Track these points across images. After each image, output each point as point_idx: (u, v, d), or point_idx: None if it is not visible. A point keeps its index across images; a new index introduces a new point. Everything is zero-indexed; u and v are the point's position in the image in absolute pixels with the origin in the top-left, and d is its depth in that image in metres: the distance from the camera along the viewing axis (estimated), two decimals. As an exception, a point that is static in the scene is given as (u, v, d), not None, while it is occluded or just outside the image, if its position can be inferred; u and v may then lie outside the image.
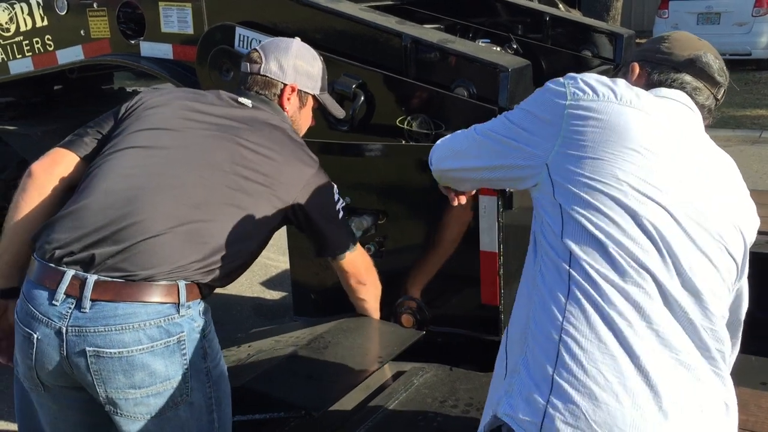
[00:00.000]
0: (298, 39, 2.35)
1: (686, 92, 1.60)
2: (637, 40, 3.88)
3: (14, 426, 2.19)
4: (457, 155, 1.84)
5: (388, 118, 2.67)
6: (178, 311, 1.79)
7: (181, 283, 1.81)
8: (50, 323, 1.75)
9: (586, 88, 1.50)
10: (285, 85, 2.24)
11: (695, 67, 1.62)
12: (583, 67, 3.46)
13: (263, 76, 2.23)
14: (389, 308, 2.83)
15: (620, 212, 1.39)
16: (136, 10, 3.39)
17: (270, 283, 5.22)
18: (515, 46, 3.26)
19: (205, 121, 2.06)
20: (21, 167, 4.03)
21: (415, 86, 2.60)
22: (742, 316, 1.60)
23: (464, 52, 2.55)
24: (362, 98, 2.64)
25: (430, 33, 2.72)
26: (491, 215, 2.55)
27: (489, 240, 2.58)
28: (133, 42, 3.42)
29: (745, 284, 1.54)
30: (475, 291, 2.67)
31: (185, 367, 1.80)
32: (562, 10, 4.46)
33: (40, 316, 1.76)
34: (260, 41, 2.83)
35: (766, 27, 12.89)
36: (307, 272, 2.96)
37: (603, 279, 1.36)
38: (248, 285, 5.14)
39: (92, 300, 1.73)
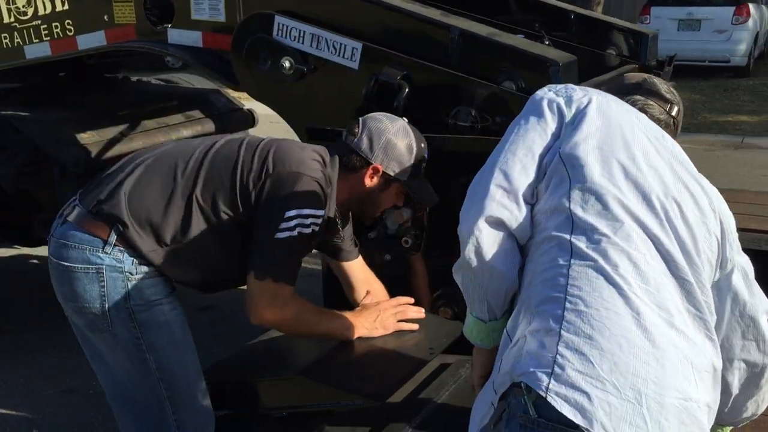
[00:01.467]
0: (404, 120, 2.34)
1: (638, 107, 1.74)
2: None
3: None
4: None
5: (432, 110, 2.67)
6: (103, 247, 2.12)
7: (115, 227, 2.13)
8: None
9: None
10: (370, 163, 2.26)
11: (642, 88, 1.80)
12: (608, 65, 3.50)
13: (353, 149, 2.27)
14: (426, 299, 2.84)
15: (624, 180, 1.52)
16: (164, -2, 3.35)
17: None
18: (547, 43, 3.28)
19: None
20: (32, 154, 3.96)
21: (461, 79, 2.61)
22: (753, 313, 1.65)
23: (514, 45, 2.56)
24: (407, 89, 2.64)
25: (476, 26, 2.73)
26: (536, 208, 2.57)
27: (533, 233, 2.60)
28: (159, 28, 3.38)
29: (738, 275, 1.63)
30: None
31: (103, 298, 2.12)
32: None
33: None
34: (302, 31, 2.83)
35: (746, 35, 13.17)
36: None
37: (607, 242, 1.45)
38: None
39: (64, 220, 2.21)
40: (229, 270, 2.29)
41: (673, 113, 1.78)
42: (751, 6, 13.50)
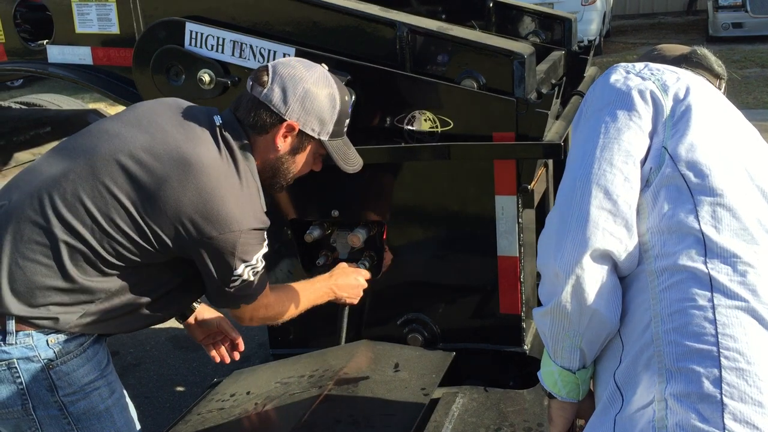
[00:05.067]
0: (323, 66, 1.91)
1: None
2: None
3: None
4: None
5: (384, 116, 2.37)
6: (4, 340, 1.71)
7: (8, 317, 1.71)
8: None
9: None
10: (283, 120, 1.82)
11: (691, 60, 1.56)
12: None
13: (261, 102, 1.81)
14: (391, 328, 2.55)
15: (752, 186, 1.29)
16: (37, 11, 2.86)
17: (180, 311, 4.71)
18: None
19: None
20: None
21: (414, 80, 2.32)
22: None
23: (471, 39, 2.31)
24: (354, 97, 2.32)
25: (424, 21, 2.45)
26: (510, 217, 2.34)
27: (508, 244, 2.37)
28: (34, 46, 2.88)
29: None
30: (492, 300, 2.45)
31: (23, 397, 1.74)
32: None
33: None
34: (220, 38, 2.45)
35: (595, 15, 13.67)
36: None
37: (754, 274, 1.19)
38: (156, 315, 4.59)
39: None
40: (178, 299, 1.96)
41: (722, 90, 1.55)
42: (597, -13, 14.04)
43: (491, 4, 3.40)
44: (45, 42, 2.84)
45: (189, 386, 3.82)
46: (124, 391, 1.95)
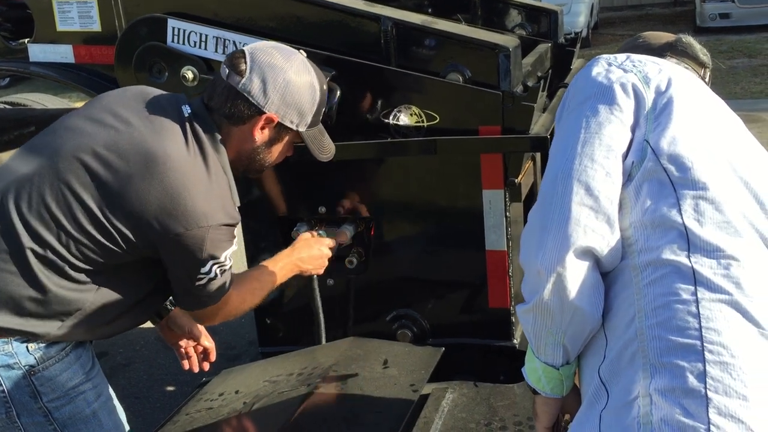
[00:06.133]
0: (302, 54, 1.85)
1: None
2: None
3: None
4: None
5: (369, 112, 2.36)
6: None
7: None
8: None
9: None
10: (262, 112, 1.76)
11: (676, 49, 1.54)
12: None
13: (238, 92, 1.74)
14: (380, 324, 2.54)
15: (736, 179, 1.27)
16: (17, 9, 2.83)
17: (169, 310, 4.69)
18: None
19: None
20: None
21: (399, 74, 2.31)
22: None
23: (456, 33, 2.30)
24: (339, 92, 2.31)
25: (407, 14, 2.44)
26: (498, 211, 2.33)
27: (496, 238, 2.36)
28: (15, 45, 2.85)
29: None
30: (481, 295, 2.44)
31: (7, 404, 1.71)
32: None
33: None
34: (203, 34, 2.43)
35: (583, 7, 13.66)
36: (272, 300, 2.58)
37: (737, 267, 1.18)
38: (145, 315, 4.57)
39: None
40: (155, 302, 1.93)
41: (706, 79, 1.53)
42: (584, -22, 14.02)
43: (477, -3, 3.38)
44: (26, 40, 2.81)
45: (179, 385, 3.79)
46: (112, 393, 1.91)
